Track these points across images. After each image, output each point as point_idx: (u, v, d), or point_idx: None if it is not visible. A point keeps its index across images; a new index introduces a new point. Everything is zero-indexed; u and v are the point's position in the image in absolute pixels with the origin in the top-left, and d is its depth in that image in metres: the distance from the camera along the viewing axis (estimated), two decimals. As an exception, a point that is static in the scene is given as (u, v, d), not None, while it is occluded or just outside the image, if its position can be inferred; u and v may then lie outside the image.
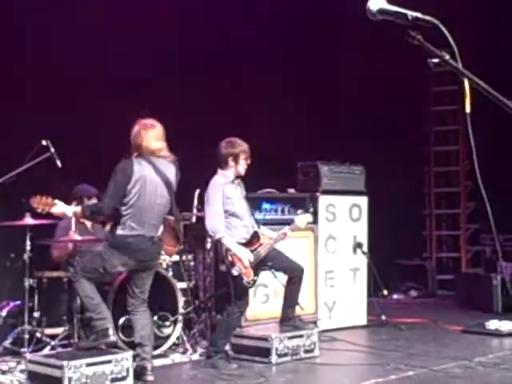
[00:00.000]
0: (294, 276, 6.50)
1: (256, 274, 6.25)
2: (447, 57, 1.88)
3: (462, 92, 1.88)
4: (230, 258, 6.09)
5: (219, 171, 6.37)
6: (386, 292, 8.61)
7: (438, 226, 11.70)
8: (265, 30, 9.23)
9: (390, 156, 10.09)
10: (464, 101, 1.90)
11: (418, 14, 1.94)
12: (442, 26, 1.91)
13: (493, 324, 7.57)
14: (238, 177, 6.41)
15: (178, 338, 6.60)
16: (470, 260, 11.22)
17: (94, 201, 7.04)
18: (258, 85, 9.05)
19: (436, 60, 1.88)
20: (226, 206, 6.23)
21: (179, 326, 6.56)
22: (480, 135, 2.09)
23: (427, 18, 1.93)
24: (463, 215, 11.34)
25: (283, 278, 6.59)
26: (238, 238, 6.24)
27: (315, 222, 7.83)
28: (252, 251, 6.23)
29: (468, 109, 1.95)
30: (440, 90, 11.36)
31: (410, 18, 1.95)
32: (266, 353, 6.31)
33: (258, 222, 6.58)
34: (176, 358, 6.49)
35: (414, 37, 1.92)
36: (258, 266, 6.28)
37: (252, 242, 6.33)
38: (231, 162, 6.30)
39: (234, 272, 6.09)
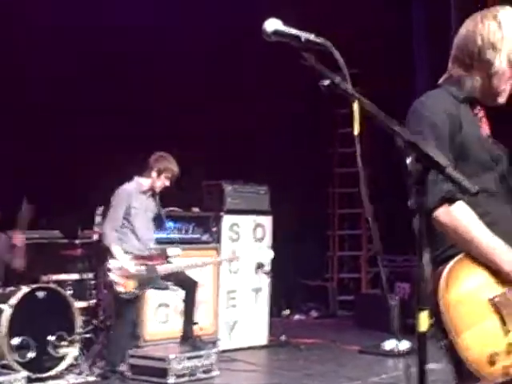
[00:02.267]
0: (189, 290, 6.49)
1: (141, 289, 6.19)
2: (337, 79, 1.92)
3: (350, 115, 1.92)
4: (109, 265, 6.05)
5: (135, 178, 6.36)
6: (287, 312, 8.68)
7: (341, 246, 11.89)
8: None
9: (293, 177, 10.21)
10: (353, 124, 1.94)
11: (311, 37, 1.97)
12: (332, 49, 1.95)
13: (389, 344, 7.72)
14: (151, 190, 6.40)
15: (75, 359, 6.45)
16: (371, 281, 11.44)
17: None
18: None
19: (327, 82, 1.91)
20: (127, 215, 6.20)
21: (77, 346, 6.41)
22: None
23: (319, 40, 1.97)
24: (364, 236, 11.57)
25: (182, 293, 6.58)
26: (131, 248, 6.20)
27: (218, 241, 7.85)
28: (147, 265, 6.19)
29: (356, 131, 1.99)
30: (345, 113, 11.56)
31: (303, 39, 1.98)
32: (163, 373, 6.24)
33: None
34: (71, 379, 6.34)
35: (306, 59, 1.95)
36: (149, 282, 6.23)
37: (155, 257, 6.29)
38: (153, 174, 6.30)
39: (108, 278, 6.06)
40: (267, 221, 8.38)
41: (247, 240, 8.17)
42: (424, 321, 1.83)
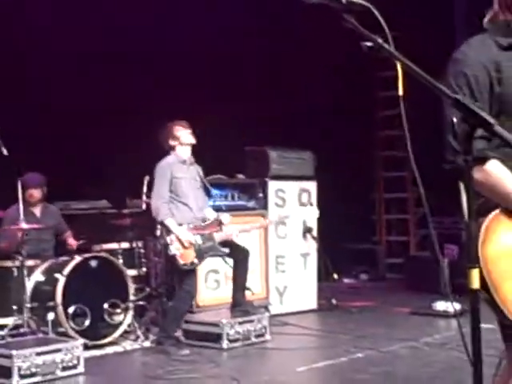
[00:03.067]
0: (240, 258, 6.55)
1: (202, 257, 6.27)
2: (380, 40, 1.91)
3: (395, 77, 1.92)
4: (168, 239, 6.12)
5: (171, 152, 6.43)
6: (336, 276, 8.71)
7: (388, 210, 11.85)
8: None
9: (338, 141, 10.17)
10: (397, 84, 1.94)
11: (353, -2, 1.97)
12: (374, 10, 1.95)
13: (439, 305, 7.72)
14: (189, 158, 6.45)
15: (129, 326, 6.60)
16: (419, 243, 11.40)
17: (41, 191, 7.01)
18: (205, 67, 9.03)
19: (369, 43, 1.91)
20: (172, 185, 6.27)
21: (130, 313, 6.55)
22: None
23: (361, 1, 1.96)
24: (411, 199, 11.50)
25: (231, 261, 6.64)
26: (183, 220, 6.26)
27: (265, 207, 7.90)
28: (203, 235, 6.26)
29: (401, 92, 1.99)
30: (386, 76, 11.44)
31: (344, 1, 1.97)
32: (217, 338, 6.34)
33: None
34: (127, 345, 6.49)
35: (347, 20, 1.95)
36: (208, 250, 6.31)
37: (208, 226, 6.36)
38: (175, 144, 6.37)
39: (169, 252, 6.12)
40: (312, 186, 8.39)
41: (293, 205, 8.19)
42: (475, 278, 1.84)
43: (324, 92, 10.12)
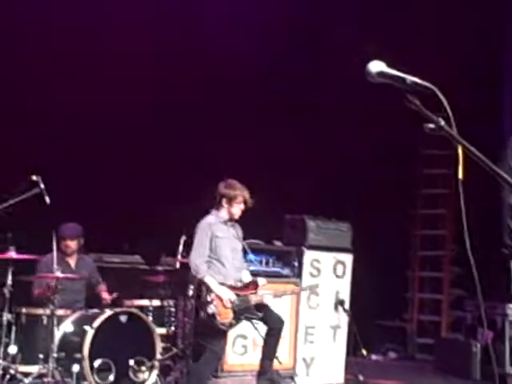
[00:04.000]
0: (274, 327, 6.45)
1: (238, 319, 6.19)
2: (442, 123, 1.92)
3: (455, 158, 1.91)
4: (208, 297, 6.05)
5: (213, 211, 6.42)
6: (364, 352, 8.56)
7: (421, 288, 11.68)
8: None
9: (377, 216, 10.13)
10: (457, 166, 1.94)
11: (417, 79, 1.98)
12: (438, 92, 1.96)
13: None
14: (231, 220, 6.44)
15: (153, 384, 6.53)
16: (451, 325, 11.18)
17: (77, 242, 7.06)
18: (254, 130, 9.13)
19: (432, 125, 1.91)
20: (214, 246, 6.25)
21: (155, 372, 6.49)
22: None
23: (425, 83, 1.98)
24: (447, 279, 11.34)
25: (263, 329, 6.54)
26: (222, 279, 6.21)
27: (299, 276, 7.85)
28: (240, 296, 6.20)
29: (461, 175, 1.98)
30: (430, 154, 11.44)
31: (408, 82, 1.99)
32: (241, 405, 6.24)
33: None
34: (149, 404, 6.41)
35: (411, 101, 1.96)
36: (244, 312, 6.24)
37: (245, 287, 6.32)
38: (225, 204, 6.36)
39: (209, 310, 6.03)
40: (348, 258, 8.33)
41: (327, 276, 8.13)
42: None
43: (367, 165, 10.15)
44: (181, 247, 7.11)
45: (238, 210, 6.39)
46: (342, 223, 8.31)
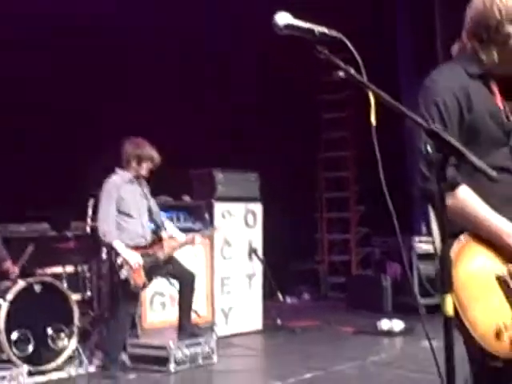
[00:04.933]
0: (186, 281, 6.50)
1: (150, 278, 6.20)
2: (352, 70, 1.95)
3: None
4: (118, 261, 6.04)
5: (118, 170, 6.32)
6: (280, 296, 8.74)
7: (330, 229, 11.98)
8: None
9: (281, 161, 10.26)
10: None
11: (325, 29, 2.00)
12: (347, 41, 1.99)
13: (384, 324, 7.82)
14: (138, 177, 6.37)
15: (73, 351, 6.47)
16: (361, 262, 11.54)
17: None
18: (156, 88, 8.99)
19: (342, 73, 1.94)
20: (120, 206, 6.19)
21: (75, 338, 6.43)
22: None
23: (333, 33, 2.00)
24: (353, 219, 11.66)
25: (178, 284, 6.58)
26: (129, 240, 6.18)
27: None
28: (149, 255, 6.20)
29: (374, 121, 2.03)
30: (330, 98, 11.62)
31: (316, 32, 2.01)
32: (164, 361, 6.28)
33: (162, 223, 6.59)
34: (72, 371, 6.35)
35: (320, 51, 1.98)
36: (155, 270, 6.25)
37: (151, 245, 6.30)
38: (133, 163, 6.28)
39: (122, 275, 6.03)
40: (258, 207, 8.43)
41: (239, 226, 8.21)
42: (449, 304, 1.88)
43: (269, 114, 10.21)
44: (90, 211, 6.99)
45: (146, 169, 6.33)
46: (250, 173, 8.38)
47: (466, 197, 2.39)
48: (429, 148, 1.89)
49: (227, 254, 8.11)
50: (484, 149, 2.42)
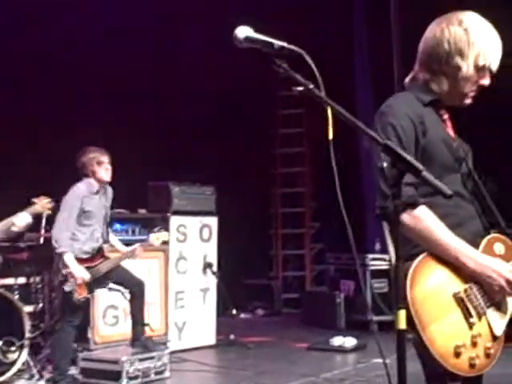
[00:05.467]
0: (135, 290, 6.47)
1: (91, 291, 6.17)
2: (311, 85, 1.97)
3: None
4: (64, 273, 5.99)
5: (84, 180, 6.28)
6: (234, 311, 8.74)
7: (284, 245, 12.01)
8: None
9: (237, 177, 10.27)
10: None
11: (284, 44, 2.03)
12: (306, 56, 2.01)
13: (337, 340, 7.86)
14: (101, 183, 6.34)
15: (23, 364, 6.36)
16: (315, 279, 11.59)
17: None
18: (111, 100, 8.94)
19: (301, 88, 1.97)
20: (80, 218, 6.15)
21: (25, 351, 6.32)
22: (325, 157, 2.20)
23: (292, 47, 2.02)
24: (308, 235, 11.71)
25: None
26: (80, 252, 6.13)
27: (166, 242, 7.83)
28: (91, 267, 6.16)
29: (331, 136, 2.06)
30: (287, 114, 11.70)
31: (276, 46, 2.03)
32: (116, 376, 6.20)
33: (108, 234, 6.54)
34: (22, 384, 6.25)
35: (279, 65, 2.01)
36: (96, 282, 6.21)
37: (94, 257, 6.26)
38: (93, 169, 6.25)
39: (66, 288, 5.99)
40: (214, 221, 8.42)
41: (194, 240, 8.20)
42: (402, 319, 1.90)
43: (224, 129, 10.22)
44: (44, 221, 6.91)
45: (105, 172, 6.30)
46: (206, 187, 8.38)
47: (424, 217, 2.43)
48: (384, 164, 1.92)
49: (182, 268, 8.08)
50: (437, 173, 2.48)
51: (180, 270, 8.06)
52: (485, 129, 7.30)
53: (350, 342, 7.82)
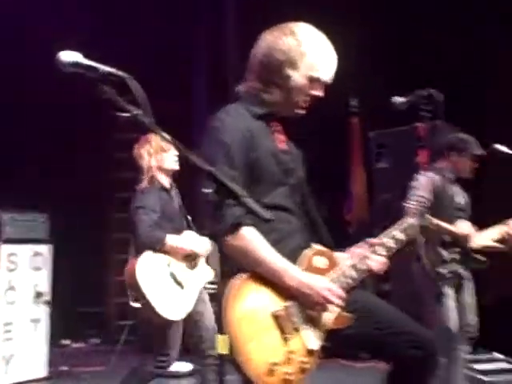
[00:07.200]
0: None
1: None
2: (137, 111, 1.97)
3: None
4: None
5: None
6: (67, 341, 8.50)
7: (118, 271, 11.76)
8: None
9: (73, 201, 10.06)
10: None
11: (111, 69, 2.01)
12: (130, 81, 2.00)
13: (173, 366, 7.80)
14: None
15: None
16: (151, 305, 11.44)
17: None
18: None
19: (127, 114, 1.96)
20: None
21: None
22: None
23: (120, 73, 2.01)
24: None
25: None
26: None
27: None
28: None
29: (154, 162, 2.05)
30: (121, 137, 11.53)
31: (101, 71, 2.01)
32: None
33: None
34: None
35: (104, 91, 1.99)
36: None
37: None
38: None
39: None
40: (46, 249, 8.14)
41: (25, 269, 7.88)
42: (223, 344, 1.92)
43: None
44: None
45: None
46: (39, 214, 8.11)
47: (249, 237, 2.44)
48: (207, 190, 1.95)
49: (10, 299, 7.73)
50: (265, 188, 2.52)
51: (9, 301, 7.70)
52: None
53: (185, 367, 7.80)
